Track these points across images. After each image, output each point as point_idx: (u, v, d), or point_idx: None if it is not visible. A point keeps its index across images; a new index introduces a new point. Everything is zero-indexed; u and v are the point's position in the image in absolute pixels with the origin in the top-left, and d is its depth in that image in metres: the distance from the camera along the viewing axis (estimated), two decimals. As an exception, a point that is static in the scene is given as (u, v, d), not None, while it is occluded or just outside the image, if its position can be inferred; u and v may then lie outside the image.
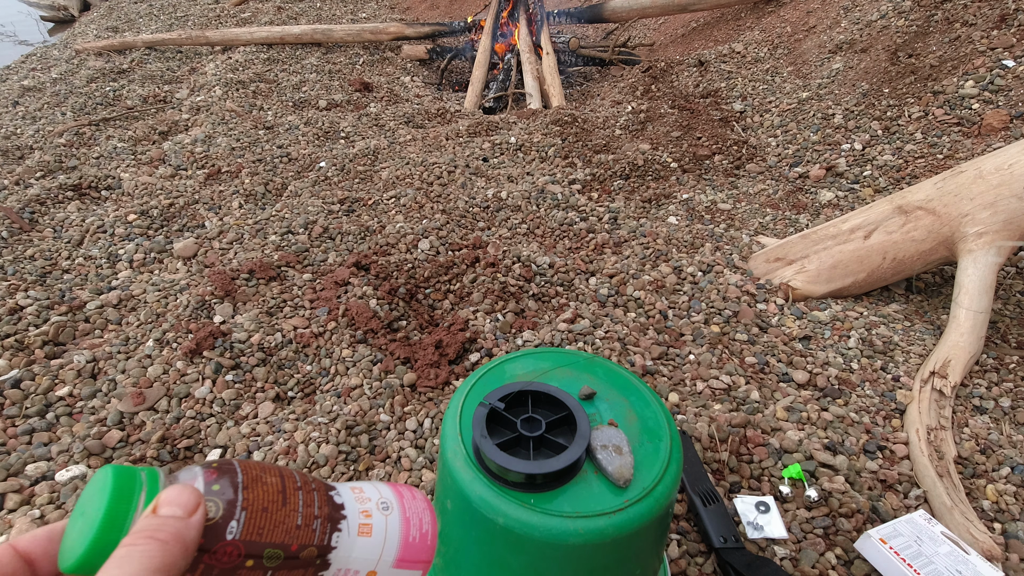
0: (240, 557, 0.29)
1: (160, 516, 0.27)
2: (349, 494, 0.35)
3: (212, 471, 0.30)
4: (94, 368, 1.36)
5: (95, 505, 0.27)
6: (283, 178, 2.28)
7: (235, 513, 0.29)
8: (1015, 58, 2.06)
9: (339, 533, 0.33)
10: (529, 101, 3.37)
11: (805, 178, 2.18)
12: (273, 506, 0.30)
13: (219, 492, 0.29)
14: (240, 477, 0.30)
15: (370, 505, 0.35)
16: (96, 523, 0.27)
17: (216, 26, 4.73)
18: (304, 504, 0.32)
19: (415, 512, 0.37)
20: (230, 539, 0.28)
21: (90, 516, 0.27)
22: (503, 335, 1.42)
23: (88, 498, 0.29)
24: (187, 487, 0.28)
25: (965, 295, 1.35)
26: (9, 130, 2.85)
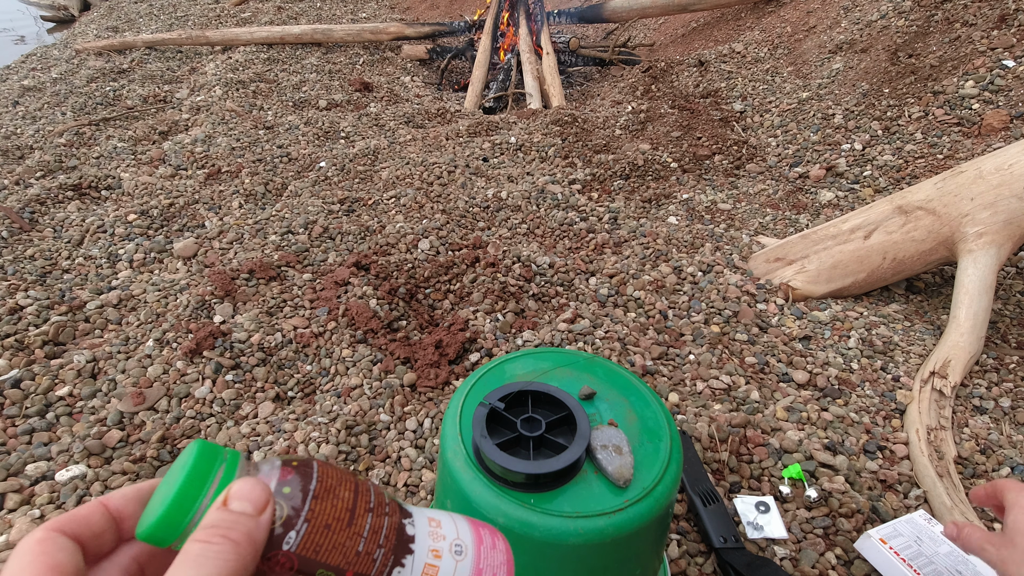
0: (291, 571, 0.27)
1: (232, 512, 0.26)
2: (424, 526, 0.32)
3: (288, 469, 0.29)
4: (94, 368, 1.36)
5: (174, 479, 0.27)
6: (283, 178, 2.28)
7: (297, 523, 0.27)
8: (1015, 58, 2.06)
9: (401, 569, 0.30)
10: (529, 101, 3.37)
11: (805, 178, 2.18)
12: (338, 524, 0.28)
13: (288, 496, 0.28)
14: (313, 485, 0.28)
15: (443, 545, 0.32)
16: (168, 498, 0.26)
17: (216, 26, 4.73)
18: (371, 529, 0.29)
19: (490, 565, 0.33)
20: (286, 549, 0.27)
21: (166, 489, 0.27)
22: (503, 335, 1.42)
23: (172, 470, 0.28)
24: (258, 483, 0.27)
25: (965, 295, 1.35)
26: (9, 130, 2.85)
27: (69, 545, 0.27)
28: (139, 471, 1.12)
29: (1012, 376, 1.34)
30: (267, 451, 1.16)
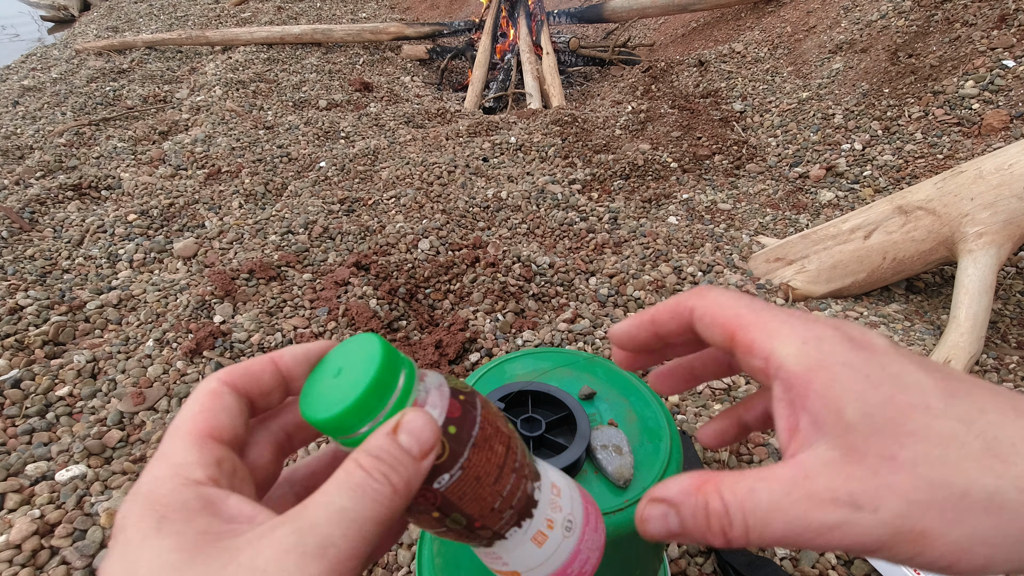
0: (432, 507, 0.27)
1: (399, 448, 0.24)
2: (547, 493, 0.32)
3: (456, 405, 0.28)
4: (94, 368, 1.36)
5: (361, 369, 0.26)
6: (283, 178, 2.28)
7: (453, 468, 0.27)
8: (1015, 58, 2.06)
9: (517, 530, 0.31)
10: (529, 101, 3.37)
11: (805, 178, 2.18)
12: (486, 479, 0.28)
13: (451, 438, 0.27)
14: (475, 431, 0.28)
15: (558, 517, 0.32)
16: (350, 400, 0.25)
17: (216, 26, 4.73)
18: (510, 490, 0.29)
19: (589, 547, 0.34)
20: (435, 488, 0.27)
21: (353, 378, 0.26)
22: (503, 335, 1.42)
23: (351, 358, 0.28)
24: (430, 421, 0.26)
25: (965, 295, 1.35)
26: (9, 130, 2.85)
27: (235, 405, 0.27)
28: (139, 471, 1.12)
29: (1012, 376, 1.34)
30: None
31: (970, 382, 0.22)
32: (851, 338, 0.23)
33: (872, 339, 0.23)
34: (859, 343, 0.23)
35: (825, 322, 0.24)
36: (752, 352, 0.24)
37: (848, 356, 0.22)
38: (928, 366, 0.22)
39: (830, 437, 0.21)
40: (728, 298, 0.27)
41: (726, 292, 0.27)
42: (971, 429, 0.20)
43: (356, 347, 0.28)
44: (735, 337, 0.25)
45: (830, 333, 0.23)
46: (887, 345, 0.23)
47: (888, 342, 0.23)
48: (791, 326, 0.24)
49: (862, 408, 0.21)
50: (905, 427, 0.20)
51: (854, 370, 0.21)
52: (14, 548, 0.97)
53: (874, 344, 0.23)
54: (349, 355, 0.28)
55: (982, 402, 0.21)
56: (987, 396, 0.21)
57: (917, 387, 0.21)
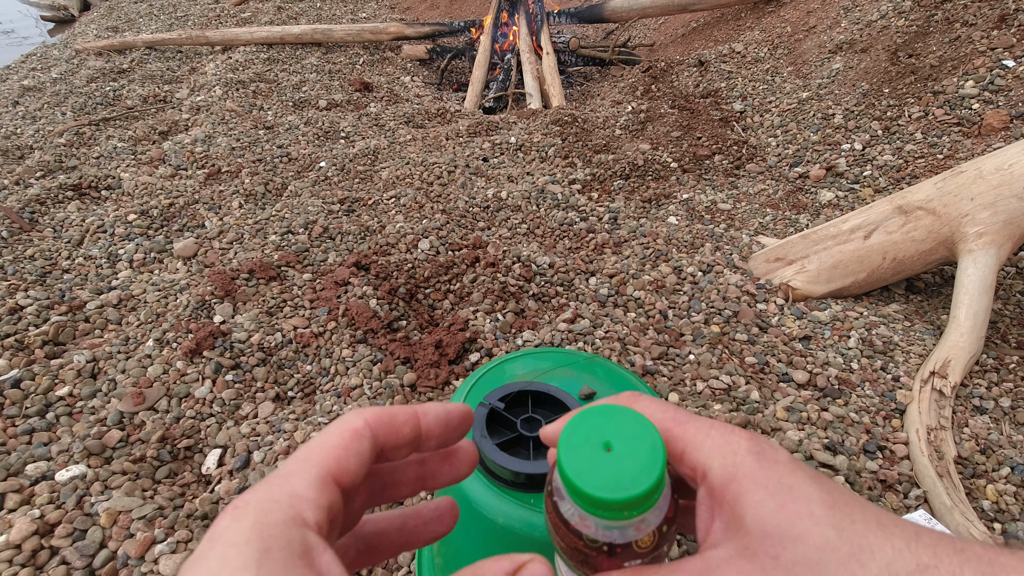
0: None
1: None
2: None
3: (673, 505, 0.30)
4: (94, 368, 1.36)
5: (642, 457, 0.28)
6: (283, 178, 2.28)
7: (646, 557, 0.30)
8: (1015, 58, 2.06)
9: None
10: (529, 101, 3.37)
11: (805, 178, 2.18)
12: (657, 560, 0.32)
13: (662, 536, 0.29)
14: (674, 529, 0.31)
15: None
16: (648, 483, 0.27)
17: (216, 26, 4.73)
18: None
19: None
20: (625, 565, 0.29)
21: (634, 464, 0.27)
22: (503, 335, 1.42)
23: (622, 433, 0.28)
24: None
25: (965, 295, 1.35)
26: (9, 130, 2.85)
27: (368, 451, 0.27)
28: (139, 471, 1.12)
29: (1012, 376, 1.34)
30: (267, 451, 1.16)
31: (848, 496, 0.26)
32: (760, 452, 0.27)
33: (776, 455, 0.28)
34: (765, 458, 0.27)
35: (740, 435, 0.28)
36: (682, 462, 0.29)
37: (755, 470, 0.27)
38: (818, 480, 0.27)
39: (733, 539, 0.26)
40: (656, 410, 0.31)
41: (654, 403, 0.31)
42: (842, 536, 0.25)
43: (619, 419, 0.29)
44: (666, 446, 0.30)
45: (744, 447, 0.28)
46: (787, 459, 0.28)
47: (788, 457, 0.28)
48: (713, 440, 0.28)
49: (759, 515, 0.26)
50: (790, 532, 0.25)
51: (757, 483, 0.26)
52: (14, 548, 0.97)
53: (777, 459, 0.27)
54: (618, 428, 0.29)
55: (853, 514, 0.25)
56: (858, 509, 0.26)
57: (805, 498, 0.26)
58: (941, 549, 0.25)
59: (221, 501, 1.07)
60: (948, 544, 0.25)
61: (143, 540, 0.99)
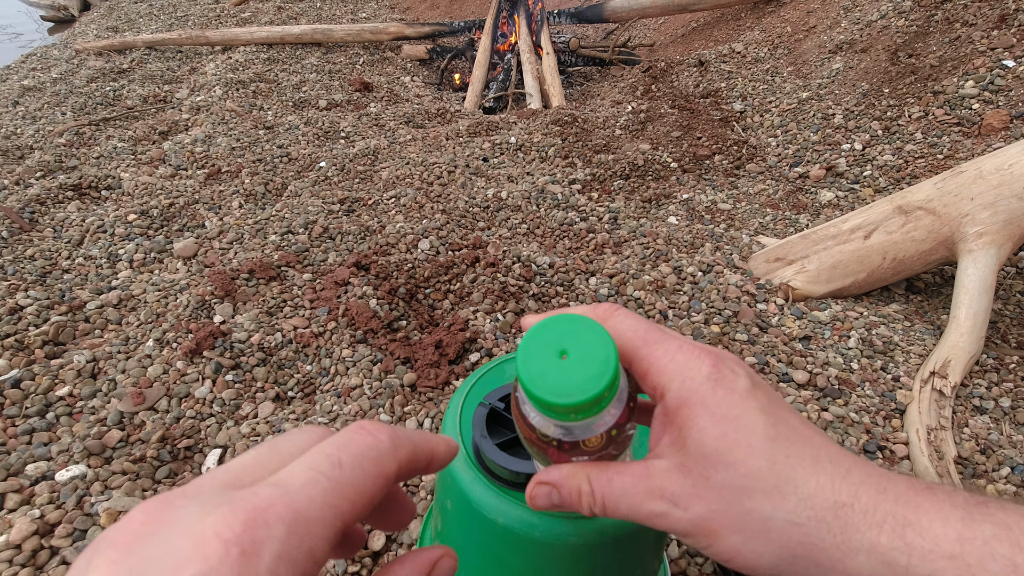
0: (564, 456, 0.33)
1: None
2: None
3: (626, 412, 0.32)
4: (94, 368, 1.36)
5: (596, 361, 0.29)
6: (283, 178, 2.28)
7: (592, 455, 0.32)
8: (1015, 58, 2.06)
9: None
10: (529, 101, 3.37)
11: (805, 178, 2.18)
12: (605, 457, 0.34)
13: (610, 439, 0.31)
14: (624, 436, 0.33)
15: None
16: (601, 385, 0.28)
17: (216, 26, 4.73)
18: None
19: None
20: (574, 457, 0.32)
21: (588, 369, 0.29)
22: (503, 335, 1.42)
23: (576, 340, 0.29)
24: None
25: (965, 295, 1.35)
26: (9, 130, 2.85)
27: (388, 486, 0.24)
28: (139, 471, 1.12)
29: (1012, 376, 1.34)
30: (267, 451, 1.16)
31: (793, 430, 0.28)
32: (718, 379, 0.29)
33: (735, 382, 0.29)
34: (723, 384, 0.29)
35: (704, 359, 0.29)
36: (644, 379, 0.31)
37: (707, 397, 0.28)
38: (768, 411, 0.28)
39: (676, 455, 0.29)
40: (629, 326, 0.32)
41: (630, 318, 0.32)
42: (772, 468, 0.27)
43: (578, 329, 0.30)
44: (632, 363, 0.31)
45: (704, 372, 0.29)
46: (745, 388, 0.29)
47: (747, 384, 0.29)
48: (676, 363, 0.29)
49: (701, 439, 0.28)
50: (725, 458, 0.27)
51: (706, 410, 0.28)
52: (14, 548, 0.97)
53: (734, 387, 0.29)
54: (572, 336, 0.30)
55: (789, 448, 0.27)
56: (798, 444, 0.27)
57: (748, 428, 0.27)
58: (864, 488, 0.26)
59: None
60: (873, 483, 0.26)
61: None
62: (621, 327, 0.31)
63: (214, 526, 0.19)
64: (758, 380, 0.30)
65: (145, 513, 0.20)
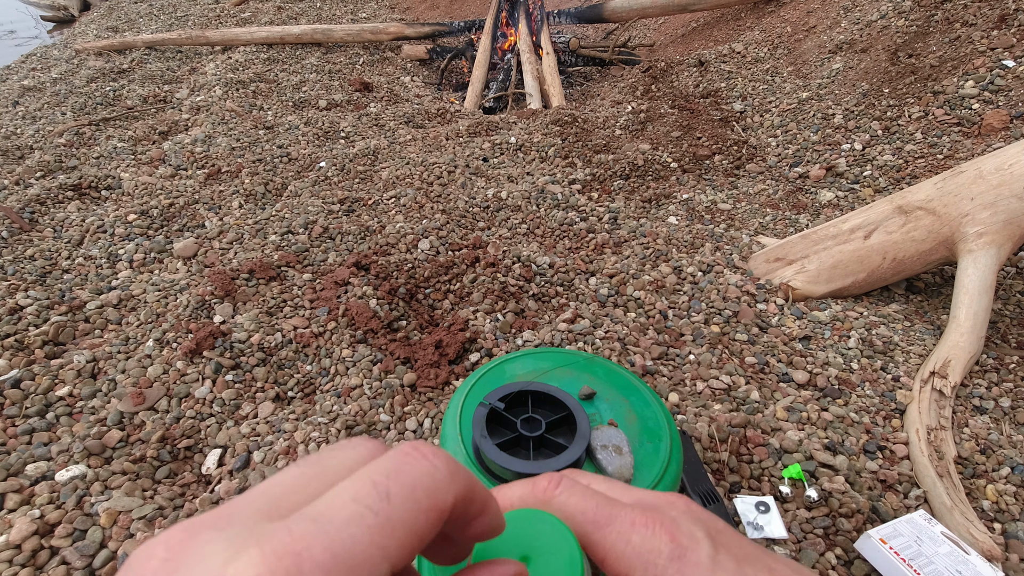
0: None
1: None
2: None
3: None
4: (94, 368, 1.36)
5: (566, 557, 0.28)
6: (283, 178, 2.28)
7: None
8: (1015, 58, 2.06)
9: None
10: (529, 101, 3.37)
11: (805, 178, 2.18)
12: None
13: None
14: None
15: None
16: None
17: (216, 26, 4.73)
18: None
19: None
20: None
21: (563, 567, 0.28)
22: (503, 335, 1.42)
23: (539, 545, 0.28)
24: None
25: (965, 295, 1.35)
26: (9, 130, 2.85)
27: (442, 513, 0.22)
28: (139, 471, 1.12)
29: (1012, 376, 1.34)
30: (267, 451, 1.16)
31: None
32: (681, 557, 0.27)
33: (698, 554, 0.27)
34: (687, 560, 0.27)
35: (662, 537, 0.27)
36: (603, 566, 0.29)
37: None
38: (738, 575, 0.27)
39: None
40: (578, 510, 0.29)
41: (573, 495, 0.30)
42: None
43: (546, 532, 0.28)
44: (587, 548, 0.29)
45: (665, 552, 0.27)
46: (709, 557, 0.27)
47: (710, 551, 0.27)
48: (633, 548, 0.27)
49: None
50: None
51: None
52: (14, 548, 0.97)
53: (699, 560, 0.27)
54: (537, 540, 0.28)
55: None
56: None
57: None
58: None
59: (221, 501, 1.07)
60: None
61: (143, 540, 0.98)
62: (567, 509, 0.29)
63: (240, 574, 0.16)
64: (715, 533, 0.29)
65: (167, 548, 0.18)
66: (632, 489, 0.32)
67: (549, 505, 0.29)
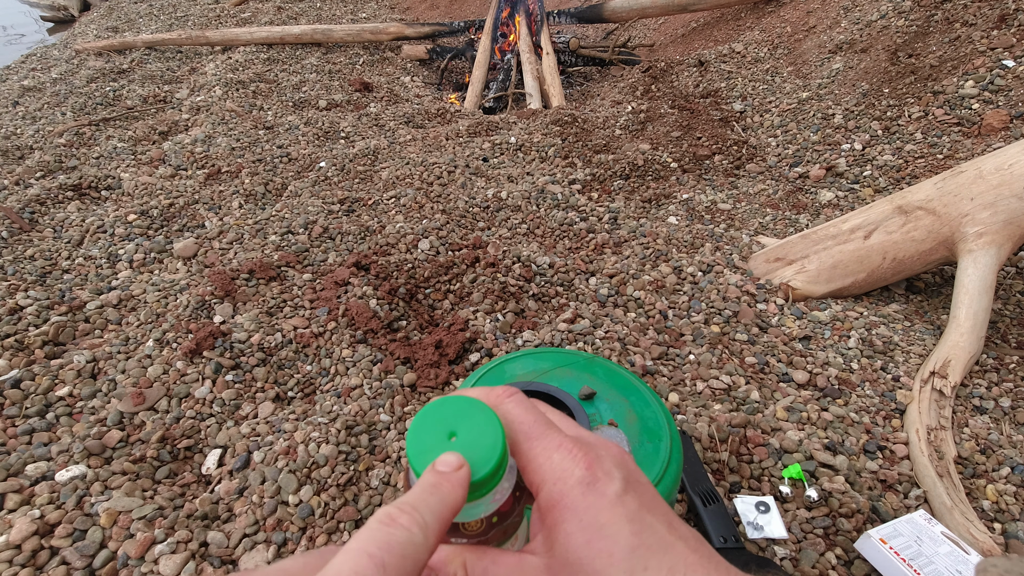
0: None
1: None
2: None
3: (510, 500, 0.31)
4: (94, 368, 1.36)
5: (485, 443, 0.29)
6: (283, 178, 2.28)
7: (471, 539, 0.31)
8: (1015, 58, 2.06)
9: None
10: (529, 101, 3.37)
11: (805, 178, 2.18)
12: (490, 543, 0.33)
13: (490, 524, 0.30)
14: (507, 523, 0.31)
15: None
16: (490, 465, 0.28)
17: (216, 26, 4.73)
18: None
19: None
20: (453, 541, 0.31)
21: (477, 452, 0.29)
22: (503, 335, 1.42)
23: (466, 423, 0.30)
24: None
25: (965, 295, 1.35)
26: (9, 130, 2.85)
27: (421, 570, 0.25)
28: (139, 471, 1.12)
29: (1012, 376, 1.34)
30: (267, 451, 1.16)
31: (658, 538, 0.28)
32: (590, 483, 0.28)
33: (607, 486, 0.29)
34: (594, 489, 0.28)
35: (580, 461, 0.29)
36: (524, 473, 0.31)
37: (577, 501, 0.28)
38: (634, 519, 0.28)
39: (544, 555, 0.29)
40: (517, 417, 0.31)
41: (518, 406, 0.32)
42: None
43: (471, 413, 0.30)
44: (514, 455, 0.31)
45: (577, 476, 0.29)
46: (616, 493, 0.28)
47: (619, 489, 0.29)
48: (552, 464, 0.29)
49: (566, 544, 0.28)
50: (587, 567, 0.27)
51: (574, 516, 0.28)
52: (14, 548, 0.97)
53: (605, 492, 0.28)
54: (464, 419, 0.30)
55: (648, 560, 0.27)
56: (657, 555, 0.27)
57: (612, 537, 0.27)
58: None
59: (221, 501, 1.07)
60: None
61: (143, 540, 0.99)
62: (510, 416, 0.31)
63: None
64: (634, 481, 0.30)
65: None
66: (581, 428, 0.33)
67: (497, 408, 0.31)
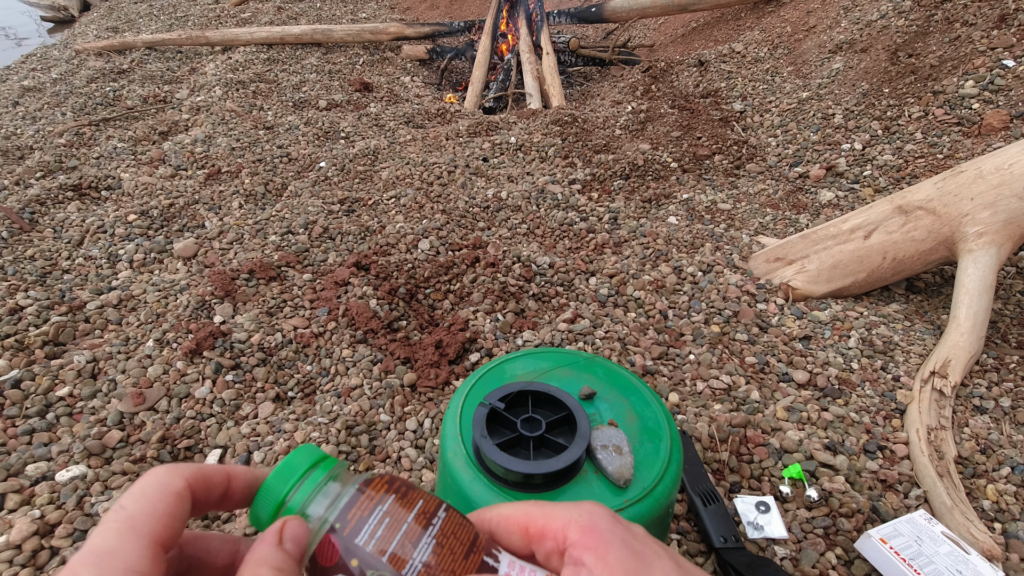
0: None
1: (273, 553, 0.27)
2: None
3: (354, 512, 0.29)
4: (94, 368, 1.36)
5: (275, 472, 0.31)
6: (283, 178, 2.28)
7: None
8: (1015, 58, 2.06)
9: None
10: (529, 101, 3.37)
11: (805, 178, 2.18)
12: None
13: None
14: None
15: None
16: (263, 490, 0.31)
17: (216, 26, 4.73)
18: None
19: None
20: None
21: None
22: (503, 335, 1.42)
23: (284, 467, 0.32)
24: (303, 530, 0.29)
25: (965, 295, 1.35)
26: (9, 130, 2.85)
27: (188, 511, 0.28)
28: (139, 471, 1.12)
29: (1012, 376, 1.34)
30: (267, 451, 1.16)
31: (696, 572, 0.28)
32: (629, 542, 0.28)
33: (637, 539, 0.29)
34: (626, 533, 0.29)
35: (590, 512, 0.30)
36: (545, 536, 0.30)
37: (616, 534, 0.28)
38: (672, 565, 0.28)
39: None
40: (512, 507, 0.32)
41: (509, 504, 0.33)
42: None
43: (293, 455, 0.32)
44: (528, 530, 0.31)
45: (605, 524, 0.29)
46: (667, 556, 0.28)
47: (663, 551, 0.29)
48: (569, 512, 0.30)
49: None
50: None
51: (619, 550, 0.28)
52: (14, 548, 0.97)
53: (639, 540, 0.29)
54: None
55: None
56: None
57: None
58: None
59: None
60: None
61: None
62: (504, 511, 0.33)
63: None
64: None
65: None
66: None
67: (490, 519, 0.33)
